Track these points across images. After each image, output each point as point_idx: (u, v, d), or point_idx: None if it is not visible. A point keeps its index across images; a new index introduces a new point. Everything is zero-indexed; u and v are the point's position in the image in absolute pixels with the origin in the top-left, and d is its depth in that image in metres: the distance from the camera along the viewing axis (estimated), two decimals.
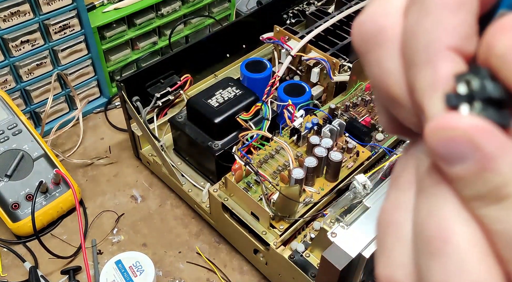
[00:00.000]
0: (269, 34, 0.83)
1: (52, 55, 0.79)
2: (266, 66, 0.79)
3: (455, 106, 0.13)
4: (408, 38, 0.15)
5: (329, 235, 0.49)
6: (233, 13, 1.01)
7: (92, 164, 0.81)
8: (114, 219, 0.73)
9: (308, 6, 0.93)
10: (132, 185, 0.78)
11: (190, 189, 0.72)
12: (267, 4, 0.88)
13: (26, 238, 0.70)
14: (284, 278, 0.61)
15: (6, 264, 0.68)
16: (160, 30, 0.93)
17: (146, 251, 0.69)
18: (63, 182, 0.71)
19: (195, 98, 0.70)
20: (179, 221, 0.73)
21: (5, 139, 0.71)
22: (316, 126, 0.65)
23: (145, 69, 0.73)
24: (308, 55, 0.77)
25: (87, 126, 0.87)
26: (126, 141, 0.84)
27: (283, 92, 0.73)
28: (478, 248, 0.13)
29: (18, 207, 0.68)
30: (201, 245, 0.70)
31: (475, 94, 0.13)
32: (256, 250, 0.63)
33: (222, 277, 0.67)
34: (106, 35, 0.84)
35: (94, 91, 0.89)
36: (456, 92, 0.14)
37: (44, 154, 0.72)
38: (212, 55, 0.83)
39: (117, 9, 0.84)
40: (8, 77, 0.75)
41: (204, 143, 0.68)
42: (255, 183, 0.61)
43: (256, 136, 0.66)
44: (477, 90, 0.13)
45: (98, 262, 0.68)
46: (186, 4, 0.93)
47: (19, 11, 0.71)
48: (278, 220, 0.59)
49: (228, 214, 0.64)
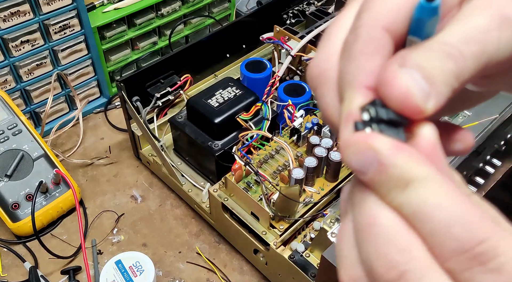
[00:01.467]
0: (269, 34, 0.83)
1: (52, 55, 0.79)
2: (266, 66, 0.79)
3: (361, 130, 0.18)
4: (339, 79, 0.20)
5: (329, 235, 0.49)
6: (233, 13, 1.01)
7: (92, 164, 0.81)
8: (114, 219, 0.73)
9: (308, 6, 0.93)
10: (132, 185, 0.78)
11: (190, 189, 0.72)
12: (267, 4, 0.88)
13: (26, 238, 0.70)
14: (284, 278, 0.61)
15: (6, 264, 0.68)
16: (160, 30, 0.93)
17: (146, 251, 0.69)
18: (63, 182, 0.71)
19: (195, 98, 0.70)
20: (179, 221, 0.73)
21: (5, 140, 0.71)
22: (316, 126, 0.65)
23: (145, 69, 0.73)
24: (308, 55, 0.77)
25: (87, 126, 0.87)
26: (126, 140, 0.84)
27: (283, 92, 0.73)
28: (399, 225, 0.17)
29: (18, 207, 0.68)
30: (201, 245, 0.70)
31: (373, 119, 0.18)
32: (256, 250, 0.63)
33: (222, 277, 0.67)
34: (106, 35, 0.84)
35: (94, 91, 0.89)
36: (362, 120, 0.18)
37: (44, 154, 0.72)
38: (212, 55, 0.83)
39: (117, 9, 0.84)
40: (8, 77, 0.75)
41: (204, 143, 0.68)
42: (255, 183, 0.61)
43: (256, 136, 0.66)
44: (373, 116, 0.18)
45: (98, 262, 0.68)
46: (186, 4, 0.93)
47: (19, 11, 0.71)
48: (278, 220, 0.59)
49: (228, 214, 0.64)
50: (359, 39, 0.19)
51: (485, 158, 0.77)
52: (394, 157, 0.17)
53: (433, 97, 0.17)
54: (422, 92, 0.17)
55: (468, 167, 0.72)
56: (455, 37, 0.18)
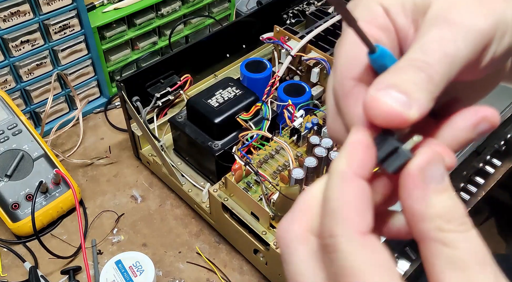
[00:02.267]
0: (269, 34, 0.83)
1: (52, 55, 0.79)
2: (266, 66, 0.79)
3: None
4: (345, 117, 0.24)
5: None
6: (233, 13, 1.01)
7: (92, 164, 0.81)
8: (114, 219, 0.73)
9: (308, 6, 0.93)
10: (132, 185, 0.78)
11: (190, 189, 0.72)
12: (267, 4, 0.88)
13: (26, 238, 0.70)
14: (284, 278, 0.61)
15: (6, 264, 0.68)
16: (160, 30, 0.93)
17: (146, 251, 0.69)
18: (63, 182, 0.71)
19: (195, 98, 0.70)
20: (179, 221, 0.73)
21: (5, 140, 0.71)
22: (316, 126, 0.65)
23: (145, 69, 0.73)
24: (308, 55, 0.77)
25: (87, 126, 0.87)
26: (126, 140, 0.84)
27: (283, 92, 0.73)
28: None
29: (18, 207, 0.68)
30: (201, 245, 0.70)
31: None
32: (256, 250, 0.63)
33: (222, 277, 0.67)
34: (106, 35, 0.84)
35: (94, 91, 0.89)
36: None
37: (44, 154, 0.72)
38: (212, 55, 0.83)
39: (117, 9, 0.84)
40: (8, 77, 0.75)
41: (204, 143, 0.68)
42: (255, 183, 0.61)
43: (256, 136, 0.66)
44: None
45: (98, 262, 0.68)
46: (186, 4, 0.93)
47: (19, 11, 0.71)
48: (278, 220, 0.59)
49: (228, 214, 0.64)
50: (339, 94, 0.23)
51: (485, 158, 0.77)
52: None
53: (414, 105, 0.20)
54: (401, 104, 0.20)
55: (468, 167, 0.72)
56: (417, 52, 0.21)
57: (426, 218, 0.20)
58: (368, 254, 0.19)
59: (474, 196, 0.74)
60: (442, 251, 0.19)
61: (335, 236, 0.20)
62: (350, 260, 0.19)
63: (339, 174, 0.21)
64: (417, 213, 0.20)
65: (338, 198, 0.20)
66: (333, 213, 0.20)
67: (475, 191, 0.74)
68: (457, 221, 0.20)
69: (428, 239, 0.20)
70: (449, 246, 0.19)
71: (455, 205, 0.20)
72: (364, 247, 0.19)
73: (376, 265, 0.19)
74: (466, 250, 0.19)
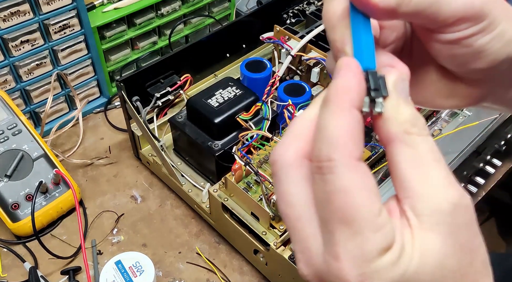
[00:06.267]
0: (269, 34, 0.83)
1: (52, 55, 0.79)
2: (266, 66, 0.79)
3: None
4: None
5: None
6: (233, 13, 1.01)
7: (92, 164, 0.81)
8: (114, 219, 0.73)
9: (308, 6, 0.93)
10: (132, 185, 0.78)
11: (190, 189, 0.72)
12: (267, 4, 0.88)
13: (26, 238, 0.70)
14: (284, 279, 0.61)
15: (6, 264, 0.68)
16: (160, 30, 0.93)
17: (146, 251, 0.69)
18: (63, 182, 0.71)
19: (195, 98, 0.70)
20: (179, 221, 0.73)
21: (5, 140, 0.71)
22: None
23: (145, 69, 0.73)
24: (308, 55, 0.77)
25: (87, 126, 0.87)
26: (126, 141, 0.84)
27: (283, 92, 0.73)
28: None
29: (18, 207, 0.68)
30: (201, 245, 0.70)
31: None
32: (256, 251, 0.63)
33: (222, 277, 0.67)
34: (106, 35, 0.84)
35: (94, 91, 0.89)
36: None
37: (44, 154, 0.72)
38: (212, 55, 0.83)
39: (117, 9, 0.84)
40: (8, 77, 0.75)
41: (204, 143, 0.68)
42: (255, 183, 0.61)
43: (256, 136, 0.66)
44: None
45: (98, 262, 0.68)
46: (186, 4, 0.93)
47: (19, 11, 0.71)
48: (278, 220, 0.59)
49: (228, 214, 0.64)
50: (327, 29, 0.27)
51: (485, 158, 0.77)
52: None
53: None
54: None
55: (468, 167, 0.72)
56: None
57: (396, 122, 0.24)
58: (359, 177, 0.22)
59: (474, 196, 0.74)
60: (406, 151, 0.24)
61: (333, 160, 0.23)
62: (344, 180, 0.22)
63: (336, 103, 0.23)
64: (390, 117, 0.24)
65: (336, 126, 0.23)
66: (331, 139, 0.23)
67: (475, 191, 0.74)
68: (419, 126, 0.24)
69: (395, 140, 0.24)
70: (411, 146, 0.24)
71: (418, 115, 0.24)
72: (357, 172, 0.23)
73: (364, 188, 0.22)
74: (425, 150, 0.24)
